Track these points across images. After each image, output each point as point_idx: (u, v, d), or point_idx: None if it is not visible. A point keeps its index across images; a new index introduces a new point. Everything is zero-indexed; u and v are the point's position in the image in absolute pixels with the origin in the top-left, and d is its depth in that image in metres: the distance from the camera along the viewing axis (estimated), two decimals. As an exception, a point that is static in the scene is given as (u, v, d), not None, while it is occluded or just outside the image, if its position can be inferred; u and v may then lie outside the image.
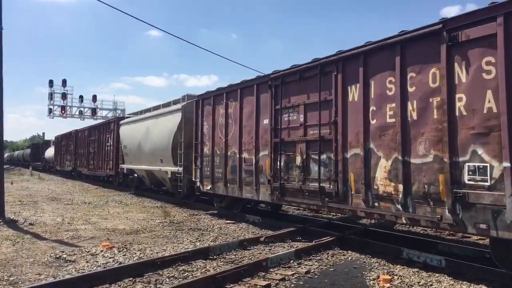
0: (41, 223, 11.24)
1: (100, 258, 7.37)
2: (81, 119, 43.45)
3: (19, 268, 6.77)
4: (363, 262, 7.29)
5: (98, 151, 25.93)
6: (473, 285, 5.90)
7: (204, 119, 13.21)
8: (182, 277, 6.30)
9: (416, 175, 6.83)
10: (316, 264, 7.12)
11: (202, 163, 13.15)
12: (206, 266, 6.92)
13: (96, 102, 44.13)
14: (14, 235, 9.49)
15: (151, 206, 15.24)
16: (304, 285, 6.05)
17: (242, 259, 7.38)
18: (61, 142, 37.79)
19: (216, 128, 12.56)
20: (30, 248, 8.23)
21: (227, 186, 11.88)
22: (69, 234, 9.73)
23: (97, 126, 27.45)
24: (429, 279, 6.21)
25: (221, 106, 12.27)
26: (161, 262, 6.76)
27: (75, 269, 6.70)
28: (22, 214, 12.63)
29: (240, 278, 6.14)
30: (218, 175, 12.33)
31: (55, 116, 42.04)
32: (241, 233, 9.97)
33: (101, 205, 15.57)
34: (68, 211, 13.74)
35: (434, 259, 6.83)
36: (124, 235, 9.65)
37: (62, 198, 17.76)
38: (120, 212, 13.56)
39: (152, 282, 6.02)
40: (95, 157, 26.56)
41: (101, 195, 19.40)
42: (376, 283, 6.07)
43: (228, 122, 11.95)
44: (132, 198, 18.11)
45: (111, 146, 23.28)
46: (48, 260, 7.30)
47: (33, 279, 6.17)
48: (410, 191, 6.93)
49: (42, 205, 15.38)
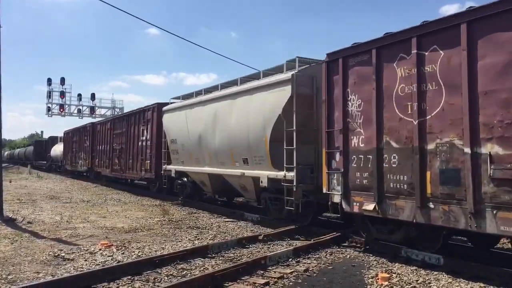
0: (39, 221, 11.23)
1: (99, 257, 7.36)
2: (79, 117, 43.35)
3: (17, 267, 6.77)
4: (362, 260, 7.31)
5: (126, 147, 20.55)
6: (471, 283, 5.92)
7: (351, 90, 8.10)
8: (181, 275, 6.30)
9: None
10: (314, 262, 7.13)
11: (349, 164, 8.04)
12: (204, 264, 6.93)
13: (94, 101, 43.99)
14: (13, 234, 9.48)
15: (149, 205, 15.23)
16: (303, 283, 6.05)
17: (241, 258, 7.38)
18: (73, 138, 32.40)
19: (385, 103, 7.40)
20: (28, 247, 8.22)
21: (425, 208, 6.63)
22: (67, 232, 9.73)
23: (124, 116, 21.90)
24: (427, 277, 6.22)
25: (400, 62, 7.14)
26: (159, 261, 6.76)
27: (74, 267, 6.70)
28: (21, 213, 12.62)
29: (239, 277, 6.14)
30: (397, 185, 7.11)
31: (53, 114, 41.93)
32: (240, 232, 9.98)
33: (99, 203, 15.56)
34: (67, 209, 13.72)
35: (433, 257, 6.83)
36: (122, 234, 9.64)
37: (60, 197, 17.74)
38: (118, 211, 13.56)
39: (150, 280, 6.02)
40: (122, 156, 21.10)
41: (99, 194, 19.38)
42: (374, 281, 6.08)
43: (423, 90, 6.76)
44: (131, 197, 18.09)
45: (148, 141, 18.00)
46: (47, 259, 7.29)
47: (31, 278, 6.16)
48: None
49: (41, 203, 15.37)
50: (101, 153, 25.12)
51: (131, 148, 19.94)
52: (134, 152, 19.54)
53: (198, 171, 13.77)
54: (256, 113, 10.69)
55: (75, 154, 31.66)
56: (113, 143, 22.59)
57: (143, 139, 18.57)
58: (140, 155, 18.85)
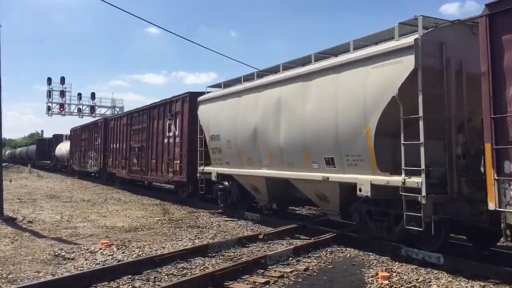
0: (39, 220, 11.23)
1: (99, 256, 7.36)
2: (79, 116, 43.47)
3: (17, 266, 6.77)
4: (362, 259, 7.31)
5: (148, 145, 17.83)
6: (471, 282, 5.92)
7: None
8: (181, 274, 6.30)
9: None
10: (314, 261, 7.13)
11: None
12: (205, 263, 6.93)
13: (94, 100, 44.14)
14: (13, 233, 9.49)
15: (150, 204, 15.24)
16: (303, 282, 6.06)
17: (241, 257, 7.38)
18: (81, 135, 29.81)
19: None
20: (28, 246, 8.22)
21: None
22: (67, 231, 9.73)
23: (144, 109, 18.70)
24: (427, 276, 6.22)
25: None
26: (159, 260, 6.76)
27: (74, 266, 6.71)
28: (21, 212, 12.62)
29: (239, 276, 6.15)
30: None
31: (53, 113, 42.10)
32: (240, 231, 9.98)
33: (100, 202, 15.57)
34: (67, 208, 13.73)
35: (433, 256, 6.83)
36: (123, 233, 9.65)
37: (61, 196, 17.75)
38: (119, 210, 13.56)
39: (150, 279, 6.02)
40: (143, 155, 18.33)
41: (99, 193, 19.39)
42: (374, 280, 6.08)
43: None
44: (131, 196, 18.09)
45: (177, 137, 15.30)
46: (47, 258, 7.30)
47: (32, 277, 6.17)
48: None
49: (41, 202, 15.37)
50: (115, 152, 22.17)
51: (154, 146, 17.15)
52: (159, 150, 16.76)
53: (252, 174, 11.01)
54: (349, 97, 7.99)
55: (84, 153, 28.98)
56: (131, 140, 19.85)
57: (170, 135, 15.89)
58: (166, 154, 16.07)
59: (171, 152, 15.77)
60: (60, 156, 38.31)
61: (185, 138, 14.76)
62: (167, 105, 16.36)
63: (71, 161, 33.25)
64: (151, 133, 17.58)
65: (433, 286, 5.80)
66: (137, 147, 18.97)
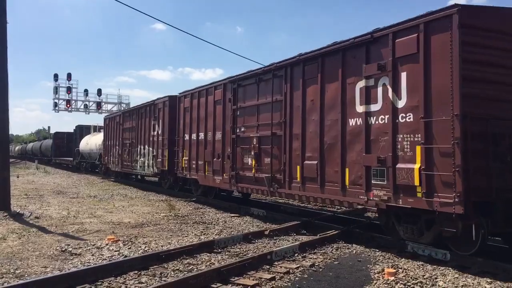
0: (46, 216, 11.31)
1: (106, 251, 7.41)
2: (86, 112, 43.65)
3: (25, 261, 6.82)
4: (368, 255, 7.29)
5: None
6: (478, 278, 5.89)
7: None
8: (187, 270, 6.32)
9: None
10: (320, 257, 7.12)
11: None
12: (210, 259, 6.95)
13: (101, 96, 44.25)
14: (20, 228, 9.56)
15: (156, 200, 15.29)
16: (309, 278, 6.05)
17: (247, 253, 7.39)
18: (123, 124, 21.98)
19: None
20: (36, 241, 8.28)
21: None
22: (74, 227, 9.79)
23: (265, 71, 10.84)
24: (433, 272, 6.19)
25: None
26: (166, 255, 6.79)
27: (81, 262, 6.75)
28: (28, 208, 12.71)
29: (245, 271, 6.15)
30: None
31: (60, 110, 42.16)
32: (246, 227, 9.99)
33: (106, 198, 15.64)
34: (74, 204, 13.81)
35: (439, 252, 6.80)
36: (129, 229, 9.69)
37: (67, 192, 17.85)
38: (125, 206, 13.62)
39: (157, 275, 6.04)
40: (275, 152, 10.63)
41: (106, 189, 19.48)
42: (380, 276, 6.07)
43: None
44: (137, 192, 18.16)
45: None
46: (54, 253, 7.35)
47: (39, 272, 6.22)
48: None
49: (48, 198, 15.47)
50: (198, 146, 14.12)
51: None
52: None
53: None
54: None
55: (129, 149, 20.94)
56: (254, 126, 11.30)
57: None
58: None
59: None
60: (87, 153, 31.37)
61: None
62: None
63: (106, 159, 25.47)
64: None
65: (440, 282, 5.78)
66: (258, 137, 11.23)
